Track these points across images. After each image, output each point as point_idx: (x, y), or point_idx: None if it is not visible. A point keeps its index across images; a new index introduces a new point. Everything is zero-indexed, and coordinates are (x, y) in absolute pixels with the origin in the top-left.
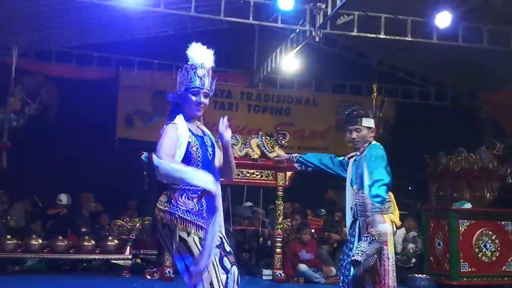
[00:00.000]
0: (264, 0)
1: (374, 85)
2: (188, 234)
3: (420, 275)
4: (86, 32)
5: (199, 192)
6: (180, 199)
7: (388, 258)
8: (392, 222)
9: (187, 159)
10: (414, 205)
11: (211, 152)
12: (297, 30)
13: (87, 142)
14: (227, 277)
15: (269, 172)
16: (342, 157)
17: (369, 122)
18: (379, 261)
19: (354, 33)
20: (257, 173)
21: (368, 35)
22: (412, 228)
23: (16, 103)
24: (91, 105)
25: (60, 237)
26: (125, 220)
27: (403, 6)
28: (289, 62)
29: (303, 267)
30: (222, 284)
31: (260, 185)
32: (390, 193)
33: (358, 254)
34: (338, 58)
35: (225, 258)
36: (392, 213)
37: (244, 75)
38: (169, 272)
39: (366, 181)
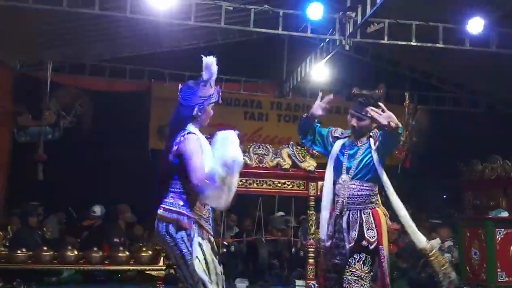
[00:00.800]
0: (293, 11)
1: (406, 93)
2: (203, 240)
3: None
4: (118, 45)
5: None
6: (196, 204)
7: (385, 257)
8: (385, 215)
9: None
10: (448, 214)
11: None
12: (327, 39)
13: (121, 154)
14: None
15: (300, 182)
16: (326, 130)
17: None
18: (377, 264)
19: (385, 41)
20: (289, 183)
21: (399, 42)
22: (447, 237)
23: (51, 117)
24: (124, 117)
25: (95, 248)
26: None
27: (434, 13)
28: (319, 71)
29: None
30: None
31: (291, 195)
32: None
33: (356, 283)
34: (369, 66)
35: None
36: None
37: (273, 85)
38: None
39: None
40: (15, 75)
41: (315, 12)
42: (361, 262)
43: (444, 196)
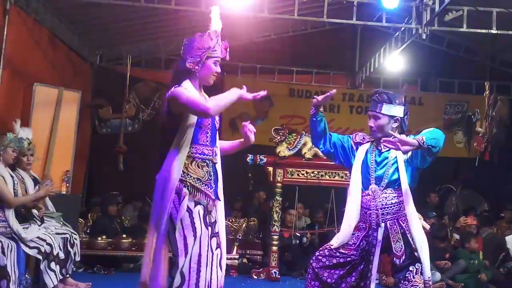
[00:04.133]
0: (368, 0)
1: (486, 83)
2: (196, 204)
3: None
4: None
5: (207, 161)
6: (190, 166)
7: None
8: (419, 218)
9: (198, 125)
10: None
11: (217, 120)
12: (402, 29)
13: None
14: (212, 257)
15: None
16: (344, 137)
17: (390, 110)
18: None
19: (464, 29)
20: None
21: (479, 30)
22: None
23: (131, 110)
24: None
25: None
26: (231, 220)
27: None
28: (393, 61)
29: None
30: (210, 262)
31: None
32: None
33: None
34: (445, 56)
35: (214, 238)
36: None
37: (345, 77)
38: (275, 272)
39: (405, 182)
40: (95, 69)
41: (391, 0)
42: (419, 274)
43: None
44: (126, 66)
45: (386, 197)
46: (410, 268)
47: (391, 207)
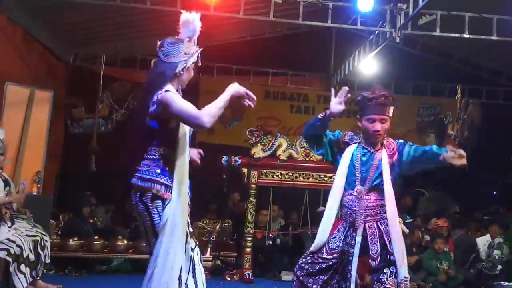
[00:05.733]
0: (343, 3)
1: (458, 86)
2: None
3: (506, 283)
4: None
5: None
6: (175, 169)
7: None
8: (399, 222)
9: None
10: (499, 210)
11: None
12: (376, 32)
13: None
14: (192, 255)
15: None
16: (336, 134)
17: (392, 112)
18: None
19: (437, 33)
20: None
21: (452, 35)
22: (497, 234)
23: (104, 110)
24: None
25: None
26: (205, 222)
27: (488, 4)
28: (368, 64)
29: None
30: (189, 260)
31: None
32: None
33: None
34: (419, 59)
35: (190, 238)
36: None
37: (320, 79)
38: (248, 274)
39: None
40: (69, 68)
41: (366, 4)
42: (392, 277)
43: (495, 193)
44: (101, 65)
45: (368, 199)
46: (385, 271)
47: (372, 209)
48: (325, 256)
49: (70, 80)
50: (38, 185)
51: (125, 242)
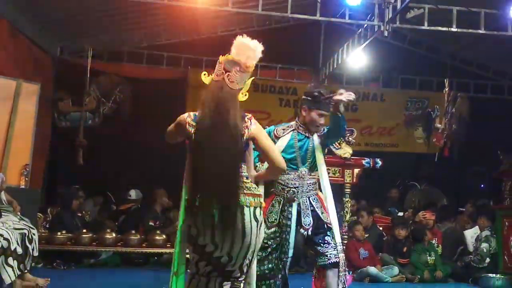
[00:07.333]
0: None
1: (446, 80)
2: None
3: (494, 275)
4: (155, 33)
5: None
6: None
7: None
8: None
9: None
10: (487, 203)
11: None
12: (365, 26)
13: (158, 140)
14: None
15: (336, 169)
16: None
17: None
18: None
19: (425, 27)
20: None
21: (440, 28)
22: (485, 227)
23: (92, 103)
24: (161, 103)
25: (133, 231)
26: None
27: None
28: (356, 58)
29: (371, 269)
30: None
31: None
32: None
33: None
34: (407, 53)
35: None
36: None
37: (309, 72)
38: None
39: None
40: (56, 61)
41: None
42: (331, 245)
43: (482, 186)
44: (88, 59)
45: (306, 178)
46: (328, 234)
47: (308, 186)
48: (272, 236)
49: (57, 73)
50: (26, 178)
51: (114, 235)
